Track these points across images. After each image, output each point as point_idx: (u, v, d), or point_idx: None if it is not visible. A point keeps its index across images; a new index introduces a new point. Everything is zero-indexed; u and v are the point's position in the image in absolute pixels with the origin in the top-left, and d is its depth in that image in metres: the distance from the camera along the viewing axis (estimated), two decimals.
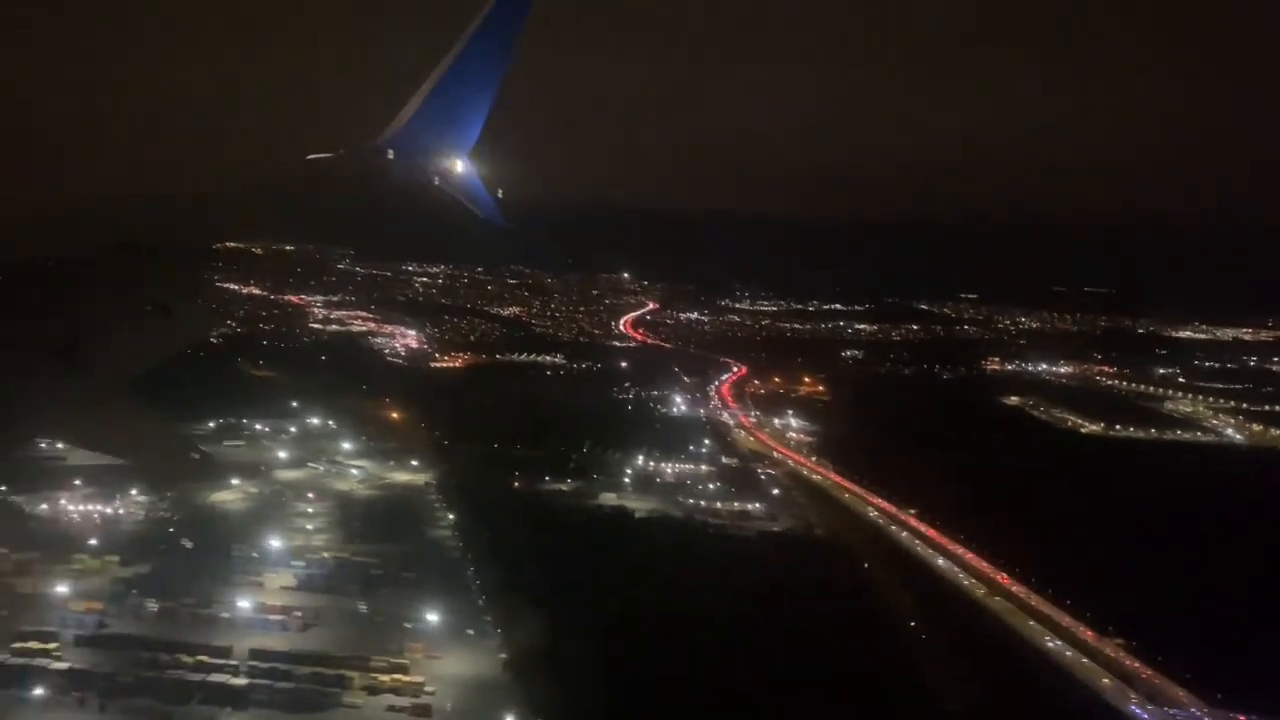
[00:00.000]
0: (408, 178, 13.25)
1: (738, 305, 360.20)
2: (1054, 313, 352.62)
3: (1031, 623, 78.05)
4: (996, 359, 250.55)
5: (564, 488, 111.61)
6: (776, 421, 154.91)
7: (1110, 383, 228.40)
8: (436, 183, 13.56)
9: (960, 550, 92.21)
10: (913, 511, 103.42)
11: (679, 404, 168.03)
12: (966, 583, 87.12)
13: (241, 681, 61.56)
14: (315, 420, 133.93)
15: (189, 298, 7.41)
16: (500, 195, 14.56)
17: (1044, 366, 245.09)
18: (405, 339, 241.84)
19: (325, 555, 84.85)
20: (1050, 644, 75.22)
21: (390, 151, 13.15)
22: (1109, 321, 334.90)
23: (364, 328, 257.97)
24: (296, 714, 59.15)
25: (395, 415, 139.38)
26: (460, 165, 13.66)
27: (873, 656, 69.69)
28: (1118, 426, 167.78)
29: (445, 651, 68.06)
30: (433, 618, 72.72)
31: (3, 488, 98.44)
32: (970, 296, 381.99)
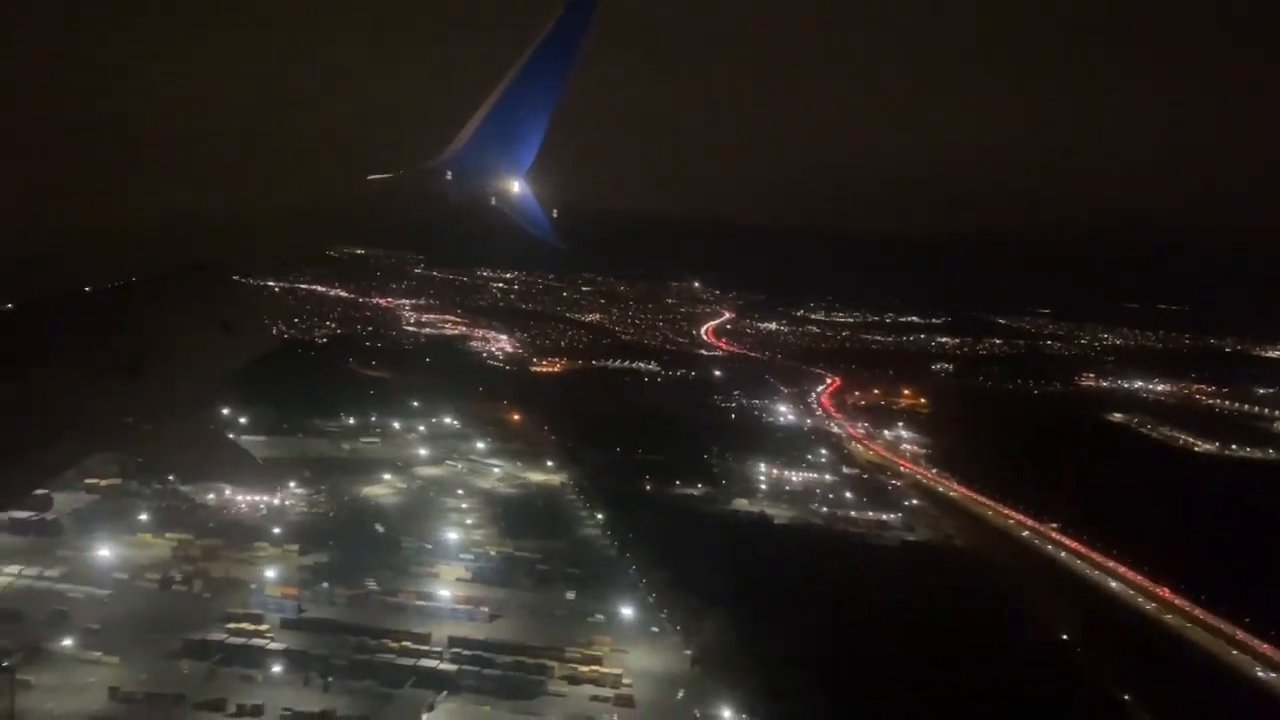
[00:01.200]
0: (465, 198, 13.45)
1: (813, 316, 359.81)
2: (1135, 330, 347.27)
3: (1211, 638, 77.40)
4: (1091, 375, 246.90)
5: (695, 493, 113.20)
6: (886, 433, 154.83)
7: (1211, 402, 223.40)
8: (493, 203, 13.78)
9: (1114, 564, 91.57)
10: (1054, 525, 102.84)
11: (784, 413, 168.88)
12: (1144, 603, 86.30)
13: (450, 667, 64.02)
14: (438, 420, 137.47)
15: (249, 315, 7.48)
16: (555, 215, 14.73)
17: (1139, 384, 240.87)
18: (499, 343, 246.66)
19: (490, 550, 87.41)
20: (1239, 661, 74.50)
21: (449, 172, 13.26)
22: (1193, 340, 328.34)
23: (456, 331, 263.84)
24: (506, 700, 61.26)
25: (515, 417, 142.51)
26: (516, 185, 13.88)
27: (1055, 666, 69.94)
28: (1233, 446, 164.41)
29: (631, 646, 69.87)
30: (610, 614, 74.77)
31: (170, 477, 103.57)
32: (1044, 311, 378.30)
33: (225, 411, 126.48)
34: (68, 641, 64.27)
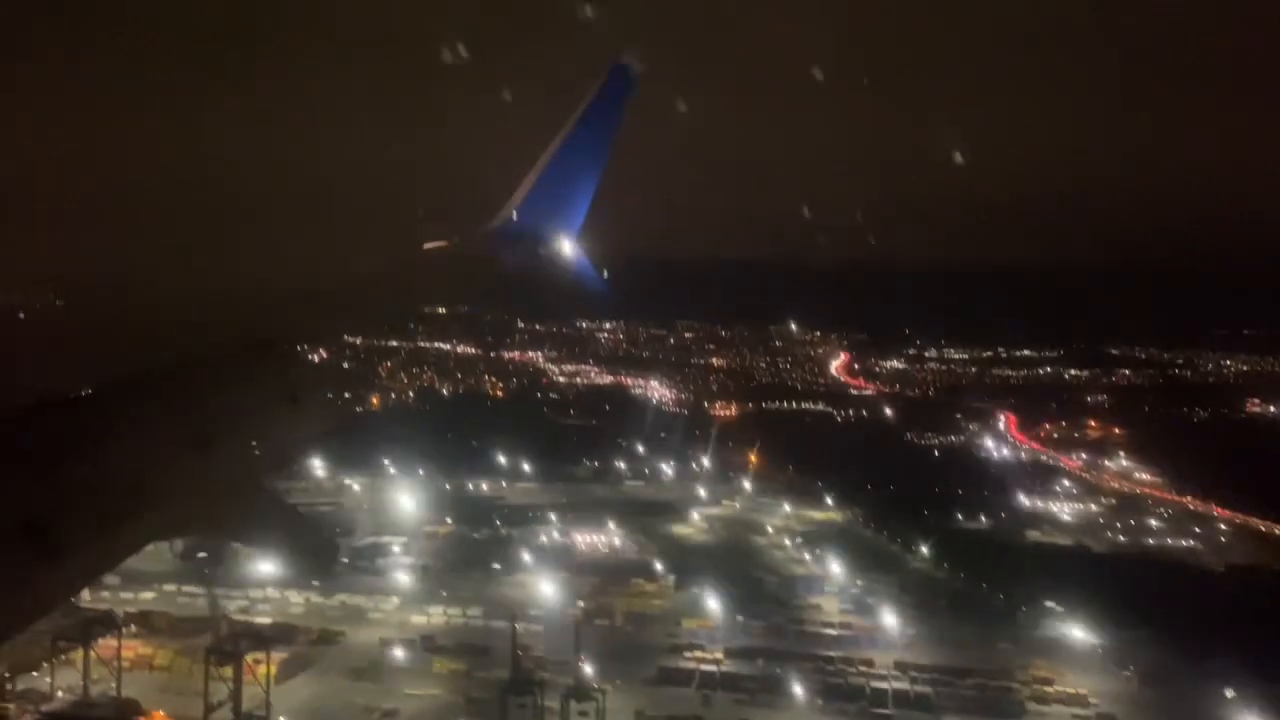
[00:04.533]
0: (519, 262, 13.69)
1: (928, 354, 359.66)
2: (1254, 355, 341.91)
3: None
4: (1256, 401, 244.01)
5: (980, 526, 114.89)
6: (1108, 463, 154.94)
7: None
8: (547, 265, 14.05)
9: None
10: None
11: (988, 448, 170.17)
12: None
13: (924, 690, 66.78)
14: (680, 463, 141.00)
15: (315, 388, 7.47)
16: (605, 275, 15.22)
17: None
18: (656, 389, 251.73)
19: (846, 583, 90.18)
20: None
21: (502, 237, 13.46)
22: None
23: (606, 380, 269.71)
24: (996, 719, 63.83)
25: (750, 458, 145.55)
26: (568, 246, 14.13)
27: None
28: None
29: (1063, 669, 71.96)
30: (1014, 639, 77.00)
31: (497, 522, 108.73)
32: (1144, 340, 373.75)
33: (502, 460, 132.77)
34: (548, 673, 68.30)
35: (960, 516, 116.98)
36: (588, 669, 64.43)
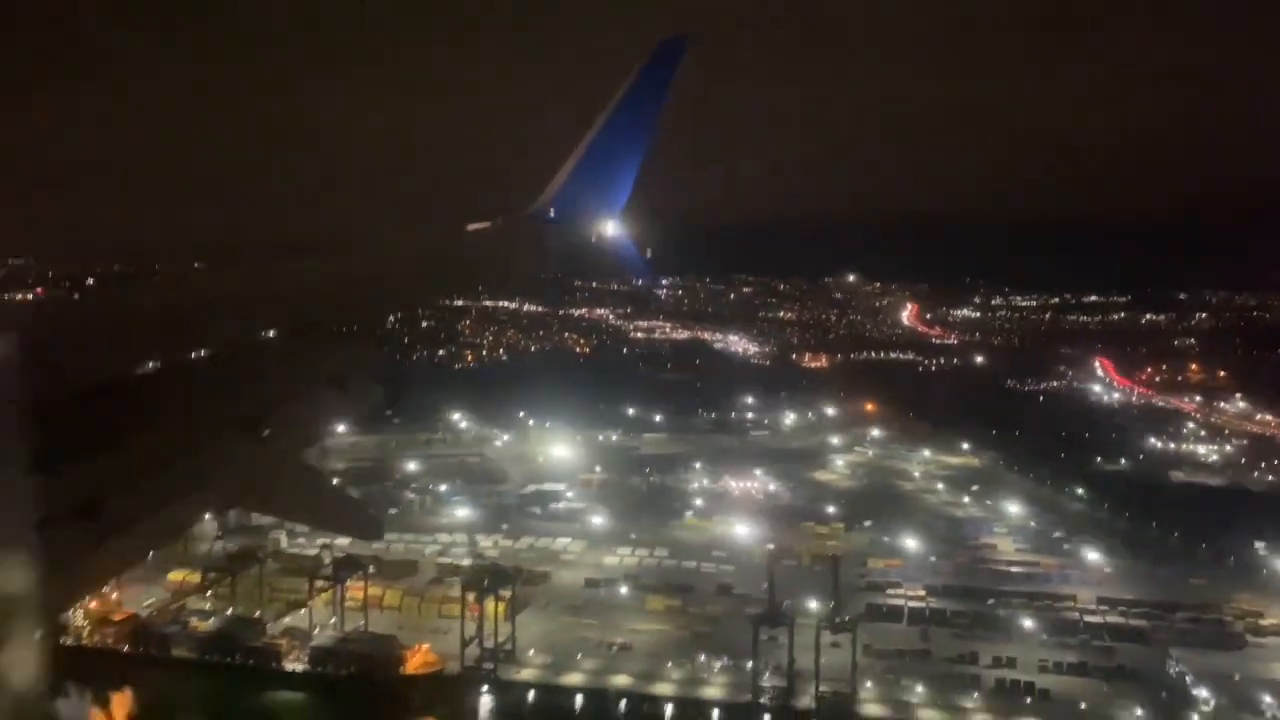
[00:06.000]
0: (562, 243, 13.67)
1: (994, 301, 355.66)
2: None
3: None
4: None
5: (1122, 468, 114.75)
6: (1225, 405, 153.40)
7: None
8: (589, 245, 14.07)
9: None
10: None
11: (1096, 393, 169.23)
12: None
13: (1138, 623, 67.69)
14: (798, 412, 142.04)
15: (361, 371, 7.63)
16: (649, 255, 15.23)
17: None
18: (736, 343, 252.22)
19: (1015, 523, 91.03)
20: None
21: (545, 218, 13.41)
22: None
23: (683, 335, 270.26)
24: (1219, 652, 64.48)
25: (868, 407, 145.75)
26: (611, 227, 14.10)
27: None
28: None
29: (1265, 603, 72.43)
30: (1207, 575, 77.33)
31: (647, 470, 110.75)
32: (1212, 284, 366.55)
33: (632, 412, 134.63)
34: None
35: (1099, 459, 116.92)
36: (816, 604, 65.81)
